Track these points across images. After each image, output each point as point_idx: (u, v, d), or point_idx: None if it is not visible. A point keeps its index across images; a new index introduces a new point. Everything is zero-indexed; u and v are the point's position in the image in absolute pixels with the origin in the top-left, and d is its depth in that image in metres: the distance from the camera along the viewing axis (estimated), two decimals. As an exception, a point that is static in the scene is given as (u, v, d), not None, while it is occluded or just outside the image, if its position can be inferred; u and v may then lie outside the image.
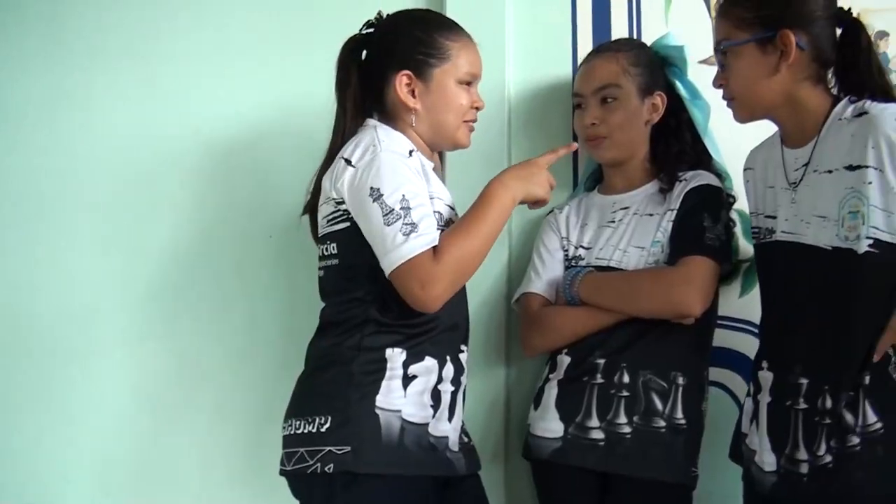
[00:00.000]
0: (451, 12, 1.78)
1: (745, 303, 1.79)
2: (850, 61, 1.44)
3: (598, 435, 1.57)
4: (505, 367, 1.86)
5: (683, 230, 1.61)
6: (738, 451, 1.55)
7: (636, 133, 1.71)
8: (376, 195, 1.36)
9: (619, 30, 1.91)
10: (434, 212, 1.42)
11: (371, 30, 1.54)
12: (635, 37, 1.89)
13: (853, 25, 1.45)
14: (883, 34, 1.96)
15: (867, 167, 1.33)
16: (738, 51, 1.46)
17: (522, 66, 1.90)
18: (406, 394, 1.40)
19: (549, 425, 1.62)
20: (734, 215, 1.73)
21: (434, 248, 1.35)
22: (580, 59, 1.84)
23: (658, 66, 1.74)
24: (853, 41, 1.44)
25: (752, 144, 1.61)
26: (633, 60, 1.70)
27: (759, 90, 1.45)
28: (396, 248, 1.34)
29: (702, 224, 1.58)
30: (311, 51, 1.88)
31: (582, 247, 1.72)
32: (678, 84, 1.74)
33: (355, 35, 1.55)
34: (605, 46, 1.78)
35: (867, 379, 1.35)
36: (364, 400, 1.38)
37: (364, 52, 1.54)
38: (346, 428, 1.36)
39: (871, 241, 1.33)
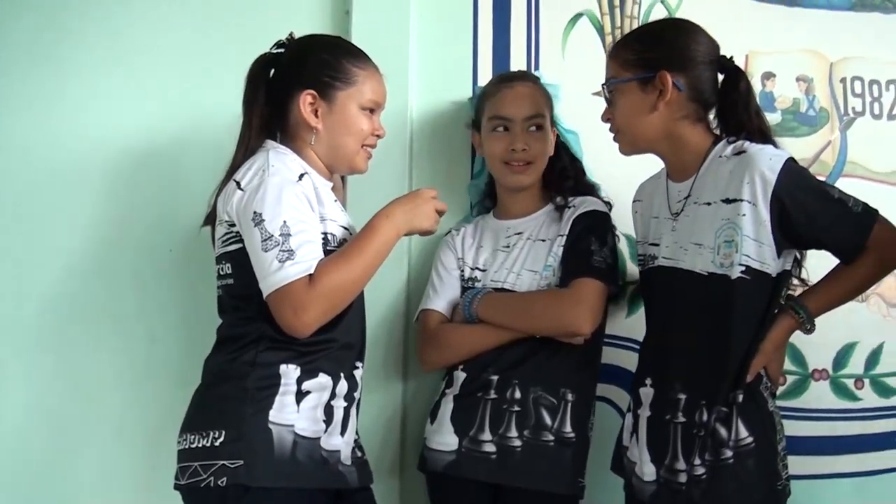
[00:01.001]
0: (357, 37, 1.83)
1: (631, 323, 1.90)
2: (729, 104, 1.55)
3: (490, 448, 1.63)
4: (402, 382, 1.89)
5: (573, 254, 1.69)
6: (620, 464, 1.64)
7: (546, 162, 1.80)
8: (258, 220, 1.38)
9: (517, 59, 1.99)
10: (326, 234, 1.46)
11: (282, 49, 1.56)
12: (532, 66, 1.98)
13: (733, 72, 1.56)
14: (770, 74, 2.12)
15: (742, 201, 1.44)
16: (622, 88, 1.56)
17: (425, 91, 1.95)
18: (299, 409, 1.42)
19: (445, 439, 1.67)
20: (623, 240, 1.84)
21: (310, 275, 1.37)
22: (480, 85, 1.91)
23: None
24: (733, 86, 1.55)
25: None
26: (545, 92, 1.81)
27: (640, 125, 1.55)
28: (272, 274, 1.36)
29: (589, 248, 1.66)
30: (220, 65, 1.89)
31: (478, 268, 1.79)
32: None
33: (266, 53, 1.57)
34: (525, 75, 1.87)
35: (740, 397, 1.45)
36: (258, 415, 1.39)
37: (273, 70, 1.56)
38: (240, 442, 1.37)
39: (743, 268, 1.44)
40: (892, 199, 2.11)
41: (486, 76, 1.94)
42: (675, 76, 1.51)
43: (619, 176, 1.82)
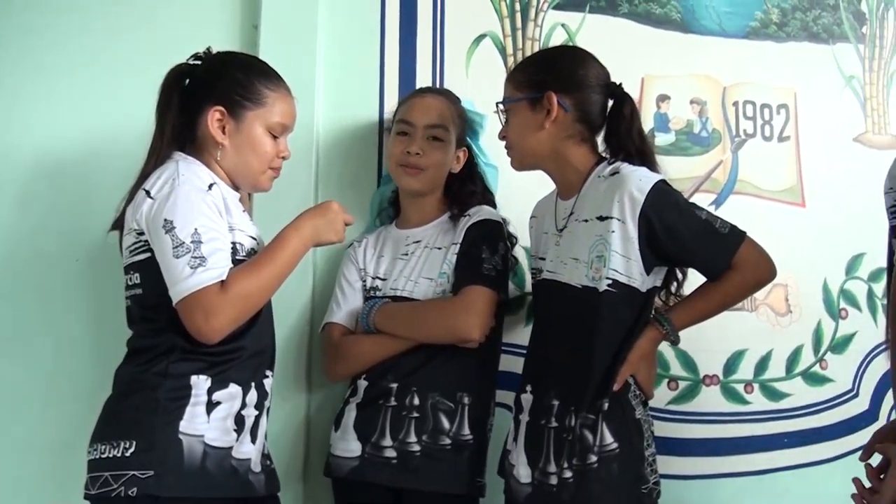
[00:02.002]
0: (264, 51, 1.85)
1: (529, 331, 1.95)
2: (615, 127, 1.64)
3: (391, 453, 1.67)
4: (308, 391, 1.92)
5: (464, 262, 1.74)
6: (503, 467, 1.70)
7: (442, 175, 1.85)
8: (169, 227, 1.40)
9: (423, 77, 2.05)
10: (235, 243, 1.48)
11: (198, 62, 1.58)
12: (437, 84, 2.04)
13: (620, 97, 1.65)
14: (665, 97, 2.23)
15: (612, 218, 1.53)
16: (514, 108, 1.65)
17: (331, 106, 1.98)
18: (209, 419, 1.44)
19: (348, 445, 1.71)
20: (521, 252, 1.91)
21: (222, 282, 1.40)
22: (387, 102, 1.97)
23: (467, 124, 1.90)
24: (619, 111, 1.64)
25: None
26: (459, 112, 1.86)
27: (529, 143, 1.64)
28: (183, 280, 1.38)
29: (480, 256, 1.72)
30: (129, 75, 1.89)
31: (378, 278, 1.83)
32: (474, 147, 1.91)
33: (182, 64, 1.58)
34: (441, 91, 1.93)
35: (606, 405, 1.52)
36: (168, 426, 1.41)
37: (187, 81, 1.58)
38: (150, 453, 1.39)
39: (610, 282, 1.53)
40: (780, 216, 2.26)
41: (392, 93, 1.99)
42: (562, 98, 1.60)
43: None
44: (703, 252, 1.55)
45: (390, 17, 2.05)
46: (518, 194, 1.88)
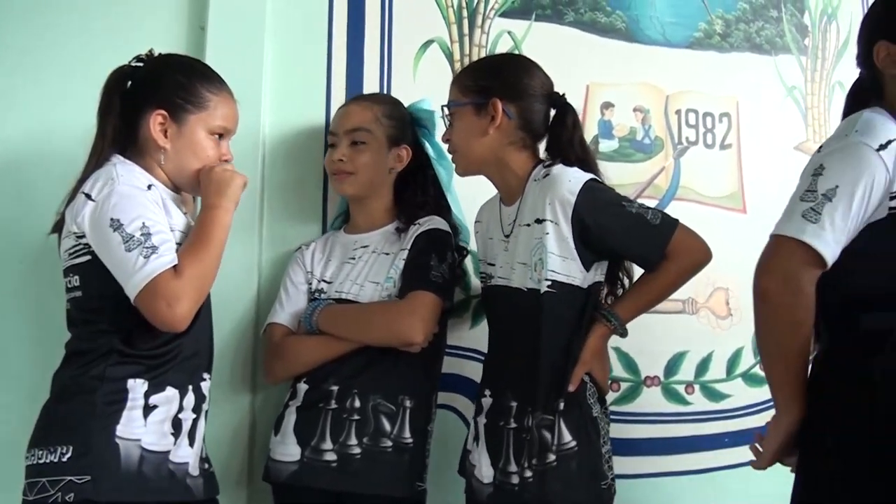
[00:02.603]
0: (211, 53, 1.85)
1: (474, 334, 2.00)
2: (556, 136, 1.68)
3: (331, 457, 1.68)
4: (251, 394, 1.91)
5: (412, 268, 1.76)
6: (464, 467, 1.73)
7: (379, 176, 1.85)
8: (116, 225, 1.41)
9: (371, 81, 2.06)
10: (176, 244, 1.48)
11: (140, 64, 1.58)
12: (385, 88, 2.05)
13: (563, 107, 1.69)
14: (609, 104, 2.27)
15: (547, 220, 1.56)
16: (459, 112, 1.68)
17: (278, 110, 1.98)
18: (146, 423, 1.44)
19: (288, 450, 1.71)
20: (470, 256, 1.93)
21: (174, 267, 1.42)
22: (334, 106, 1.97)
23: (408, 123, 1.90)
24: (561, 120, 1.68)
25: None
26: (387, 112, 1.85)
27: (473, 147, 1.67)
28: (139, 271, 1.39)
29: (428, 263, 1.73)
30: (72, 76, 1.87)
31: (324, 280, 1.84)
32: (426, 143, 1.91)
33: (124, 66, 1.58)
34: (364, 96, 1.94)
35: (562, 404, 1.55)
36: (105, 430, 1.41)
37: (129, 83, 1.57)
38: (87, 458, 1.39)
39: (549, 283, 1.56)
40: (721, 221, 2.30)
41: (339, 97, 2.00)
42: (506, 105, 1.63)
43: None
44: (637, 245, 1.60)
45: (338, 20, 2.05)
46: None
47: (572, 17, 2.25)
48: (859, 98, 1.54)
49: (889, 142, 1.35)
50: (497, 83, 1.66)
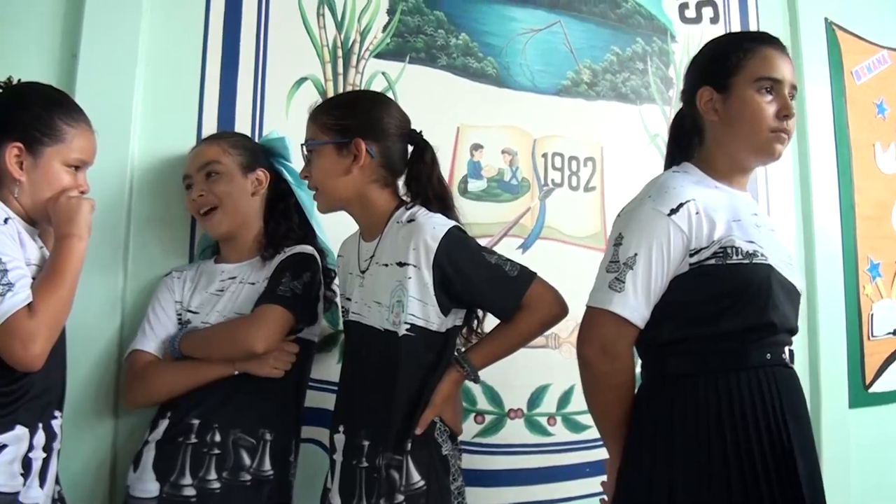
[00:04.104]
0: (82, 81, 1.85)
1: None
2: (415, 173, 1.74)
3: (190, 492, 1.68)
4: (113, 430, 1.88)
5: (266, 289, 1.79)
6: None
7: (244, 203, 1.88)
8: None
9: (243, 116, 2.07)
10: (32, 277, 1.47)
11: None
12: (257, 124, 2.07)
13: (421, 145, 1.76)
14: (478, 146, 2.37)
15: (409, 265, 1.62)
16: (320, 150, 1.72)
17: (147, 140, 1.96)
18: None
19: (146, 486, 1.69)
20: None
21: (29, 304, 1.41)
22: (202, 139, 1.97)
23: (259, 151, 1.95)
24: (419, 157, 1.74)
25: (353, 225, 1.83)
26: (233, 143, 1.90)
27: (335, 185, 1.71)
28: None
29: (280, 280, 1.77)
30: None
31: (191, 311, 1.85)
32: (284, 170, 1.95)
33: None
34: (210, 135, 1.96)
35: (409, 445, 1.60)
36: None
37: None
38: None
39: (408, 326, 1.62)
40: (584, 259, 2.43)
41: (210, 130, 2.01)
42: (368, 144, 1.69)
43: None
44: (493, 295, 1.66)
45: (212, 53, 2.06)
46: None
47: (445, 61, 2.34)
48: (679, 140, 1.71)
49: (681, 205, 1.49)
50: (358, 122, 1.71)
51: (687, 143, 1.69)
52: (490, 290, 1.66)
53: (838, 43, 3.04)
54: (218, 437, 1.71)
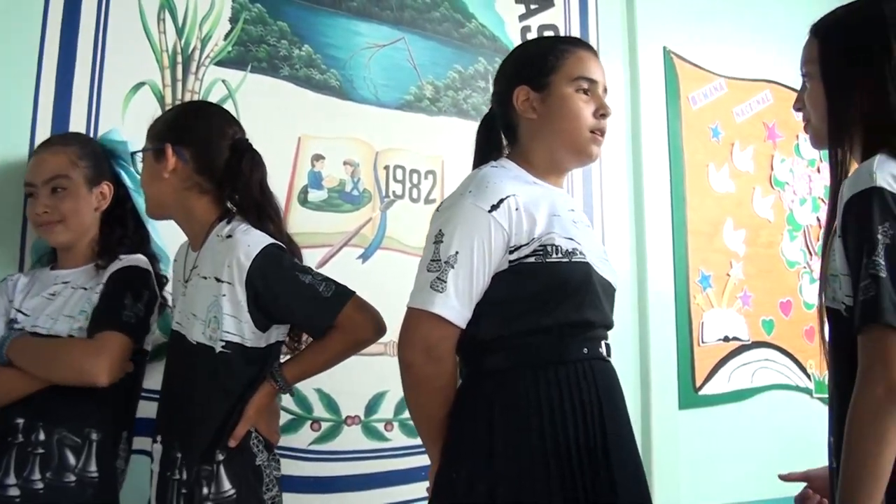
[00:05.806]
0: None
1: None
2: (233, 177, 1.81)
3: (14, 492, 1.73)
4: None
5: (104, 306, 1.84)
6: None
7: (86, 219, 1.95)
8: None
9: (78, 118, 2.11)
10: None
11: None
12: (92, 127, 2.13)
13: (241, 149, 1.83)
14: (320, 157, 2.50)
15: (224, 282, 1.72)
16: (144, 157, 1.84)
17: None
18: None
19: (-26, 486, 1.73)
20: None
21: None
22: (38, 142, 2.01)
23: (104, 158, 2.01)
24: (238, 164, 1.80)
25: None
26: (81, 153, 1.95)
27: (155, 191, 1.83)
28: None
29: (122, 302, 1.83)
30: None
31: (22, 312, 1.89)
32: (124, 175, 2.03)
33: None
34: (54, 139, 2.00)
35: (221, 455, 1.69)
36: None
37: None
38: None
39: (224, 343, 1.72)
40: (423, 269, 2.60)
41: (44, 134, 2.04)
42: (179, 149, 1.79)
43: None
44: (303, 314, 1.76)
45: (48, 54, 2.09)
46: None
47: (287, 72, 2.47)
48: (490, 140, 1.78)
49: (501, 201, 1.54)
50: (168, 128, 1.82)
51: (497, 143, 1.78)
52: (300, 310, 1.75)
53: (675, 70, 3.38)
54: (42, 436, 1.76)
